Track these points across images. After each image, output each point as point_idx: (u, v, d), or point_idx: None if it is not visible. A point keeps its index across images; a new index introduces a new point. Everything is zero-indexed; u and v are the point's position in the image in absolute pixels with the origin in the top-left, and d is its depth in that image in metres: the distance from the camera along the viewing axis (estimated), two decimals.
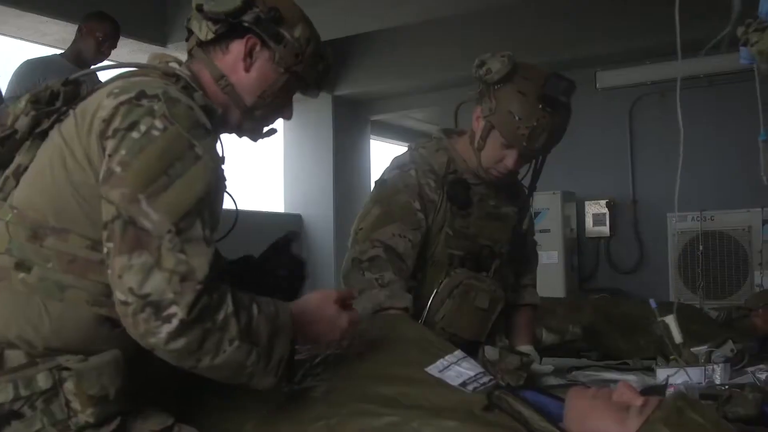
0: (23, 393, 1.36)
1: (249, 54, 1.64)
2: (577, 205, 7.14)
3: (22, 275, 1.41)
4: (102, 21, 4.58)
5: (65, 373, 1.38)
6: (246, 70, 1.64)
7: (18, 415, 1.35)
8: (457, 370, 1.69)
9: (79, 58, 4.50)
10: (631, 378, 2.53)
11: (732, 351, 2.74)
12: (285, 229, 2.08)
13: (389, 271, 2.35)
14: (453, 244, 2.51)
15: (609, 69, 6.82)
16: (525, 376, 2.22)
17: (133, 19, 5.77)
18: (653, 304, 2.46)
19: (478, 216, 2.55)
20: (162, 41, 6.53)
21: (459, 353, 1.77)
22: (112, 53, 4.68)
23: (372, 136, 9.02)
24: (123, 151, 1.37)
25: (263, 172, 8.67)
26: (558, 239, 6.76)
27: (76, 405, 1.37)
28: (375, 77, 7.96)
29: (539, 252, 2.97)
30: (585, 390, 1.53)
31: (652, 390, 2.06)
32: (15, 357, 1.40)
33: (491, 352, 2.30)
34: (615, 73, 6.81)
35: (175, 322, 1.30)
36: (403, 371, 1.68)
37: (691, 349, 2.84)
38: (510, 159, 2.43)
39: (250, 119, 1.69)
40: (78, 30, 4.61)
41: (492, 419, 1.49)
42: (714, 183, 6.18)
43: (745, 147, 2.65)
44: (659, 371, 2.49)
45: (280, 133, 8.35)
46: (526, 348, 2.68)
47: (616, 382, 2.19)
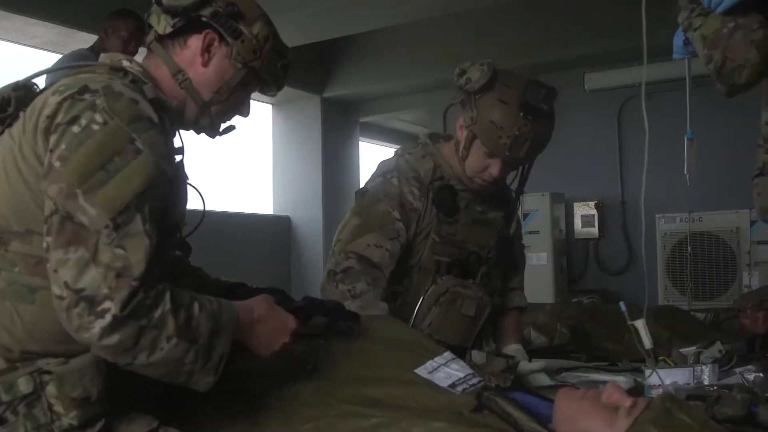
0: (5, 398, 1.36)
1: (207, 49, 1.63)
2: (566, 207, 7.15)
3: None
4: (124, 19, 4.41)
5: (46, 377, 1.38)
6: (203, 65, 1.64)
7: (1, 421, 1.34)
8: (447, 371, 1.69)
9: None
10: (621, 379, 2.53)
11: (720, 352, 2.74)
12: (274, 231, 2.07)
13: (361, 282, 2.35)
14: (440, 250, 2.50)
15: (597, 70, 6.83)
16: (512, 378, 2.21)
17: (94, 12, 5.65)
18: (623, 306, 2.44)
19: (465, 222, 2.54)
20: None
21: (448, 355, 1.77)
22: None
23: (361, 137, 9.02)
24: (63, 146, 1.37)
25: (252, 173, 8.65)
26: (547, 241, 6.77)
27: (59, 408, 1.37)
28: (363, 79, 7.96)
29: (528, 254, 2.98)
30: (574, 391, 1.53)
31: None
32: None
33: (478, 356, 2.29)
34: (603, 75, 6.82)
35: (108, 317, 1.30)
36: (392, 373, 1.68)
37: (680, 350, 2.84)
38: (494, 168, 2.43)
39: (207, 115, 1.69)
40: (102, 30, 4.47)
41: (481, 420, 1.49)
42: (702, 184, 6.19)
43: (733, 148, 2.66)
44: (648, 372, 2.49)
45: (268, 135, 8.35)
46: (513, 347, 2.68)
47: (605, 383, 2.19)
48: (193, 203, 1.73)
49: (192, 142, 1.74)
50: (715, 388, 2.20)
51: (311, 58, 7.69)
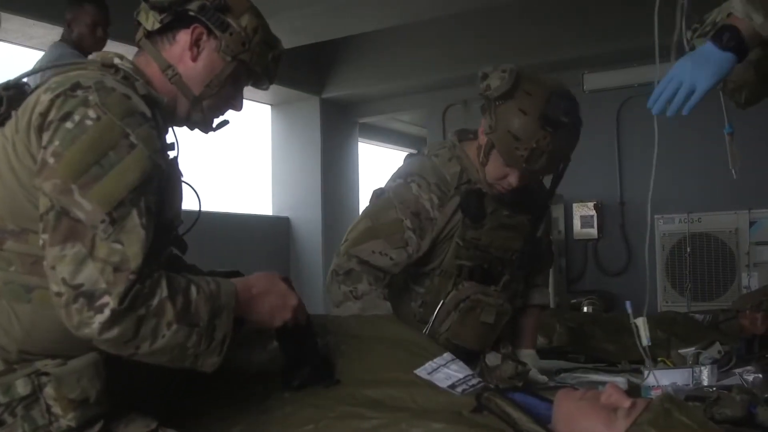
0: (2, 400, 1.36)
1: (195, 43, 1.64)
2: (565, 207, 7.14)
3: None
4: (81, 5, 4.26)
5: (44, 378, 1.37)
6: (193, 59, 1.64)
7: None
8: (446, 372, 1.69)
9: (80, 46, 4.20)
10: (619, 380, 2.53)
11: (719, 353, 2.74)
12: (273, 232, 2.06)
13: (363, 283, 2.35)
14: (463, 254, 2.46)
15: (596, 71, 6.82)
16: (520, 385, 2.20)
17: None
18: (629, 306, 2.44)
19: (490, 227, 2.47)
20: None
21: (448, 355, 1.77)
22: None
23: (360, 138, 9.01)
24: (56, 142, 1.37)
25: (251, 174, 8.64)
26: None
27: (57, 410, 1.37)
28: (363, 80, 7.95)
29: None
30: (573, 392, 1.53)
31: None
32: None
33: (492, 358, 2.28)
34: (602, 76, 6.81)
35: (107, 311, 1.30)
36: (392, 374, 1.68)
37: (679, 351, 2.85)
38: (513, 177, 2.36)
39: (199, 110, 1.69)
40: (65, 24, 4.31)
41: (480, 421, 1.49)
42: (701, 185, 6.20)
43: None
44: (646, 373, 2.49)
45: (267, 136, 8.35)
46: (527, 353, 2.68)
47: (604, 384, 2.19)
48: (191, 203, 1.74)
49: (192, 142, 1.74)
50: (714, 389, 2.20)
51: (310, 58, 7.69)
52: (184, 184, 1.67)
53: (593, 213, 7.12)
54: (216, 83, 1.66)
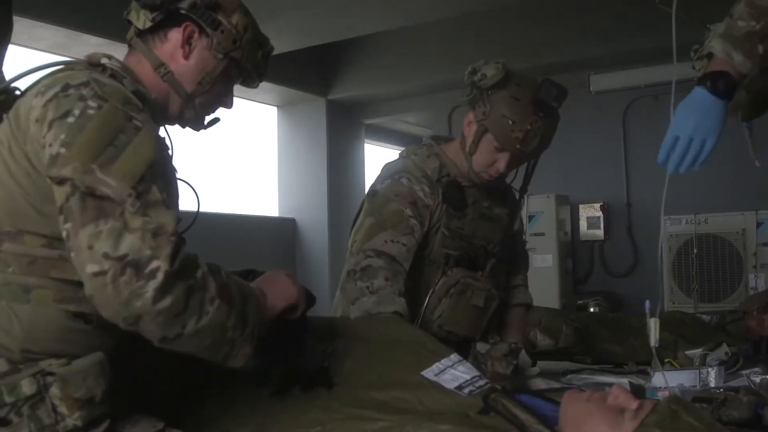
0: (8, 400, 1.36)
1: (187, 41, 1.65)
2: (572, 209, 7.14)
3: None
4: None
5: (50, 378, 1.37)
6: (185, 57, 1.66)
7: (4, 422, 1.34)
8: (453, 373, 1.69)
9: None
10: (626, 381, 2.52)
11: (726, 354, 2.74)
12: (279, 233, 2.07)
13: (380, 278, 2.36)
14: (449, 244, 2.56)
15: (602, 72, 6.81)
16: (514, 363, 2.24)
17: (101, 15, 5.61)
18: (647, 305, 2.44)
19: (472, 217, 2.61)
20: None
21: (455, 357, 1.77)
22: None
23: (366, 139, 9.02)
24: (62, 136, 1.37)
25: (257, 176, 8.64)
26: (552, 243, 6.75)
27: (62, 409, 1.37)
28: (368, 81, 7.95)
29: (533, 255, 3.00)
30: (580, 393, 1.53)
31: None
32: None
33: (481, 346, 2.33)
34: (609, 77, 6.80)
35: (160, 276, 1.29)
36: (398, 375, 1.68)
37: (686, 352, 2.84)
38: (502, 162, 2.50)
39: (191, 107, 1.70)
40: None
41: (487, 422, 1.48)
42: (708, 186, 6.18)
43: (740, 150, 2.65)
44: (653, 374, 2.49)
45: (274, 137, 8.36)
46: None
47: (611, 385, 2.18)
48: (190, 204, 1.74)
49: (196, 145, 1.75)
50: (722, 390, 2.20)
51: (316, 60, 7.69)
52: (180, 182, 1.67)
53: (600, 214, 7.12)
54: (208, 80, 1.69)
